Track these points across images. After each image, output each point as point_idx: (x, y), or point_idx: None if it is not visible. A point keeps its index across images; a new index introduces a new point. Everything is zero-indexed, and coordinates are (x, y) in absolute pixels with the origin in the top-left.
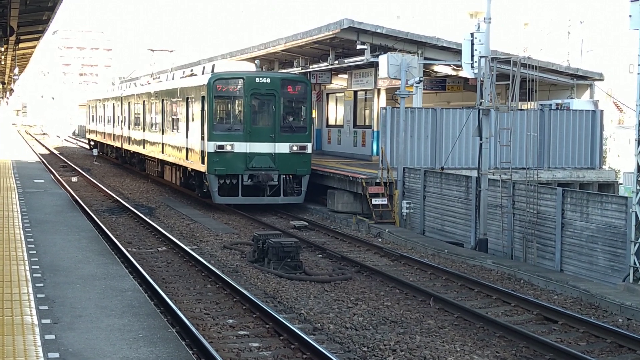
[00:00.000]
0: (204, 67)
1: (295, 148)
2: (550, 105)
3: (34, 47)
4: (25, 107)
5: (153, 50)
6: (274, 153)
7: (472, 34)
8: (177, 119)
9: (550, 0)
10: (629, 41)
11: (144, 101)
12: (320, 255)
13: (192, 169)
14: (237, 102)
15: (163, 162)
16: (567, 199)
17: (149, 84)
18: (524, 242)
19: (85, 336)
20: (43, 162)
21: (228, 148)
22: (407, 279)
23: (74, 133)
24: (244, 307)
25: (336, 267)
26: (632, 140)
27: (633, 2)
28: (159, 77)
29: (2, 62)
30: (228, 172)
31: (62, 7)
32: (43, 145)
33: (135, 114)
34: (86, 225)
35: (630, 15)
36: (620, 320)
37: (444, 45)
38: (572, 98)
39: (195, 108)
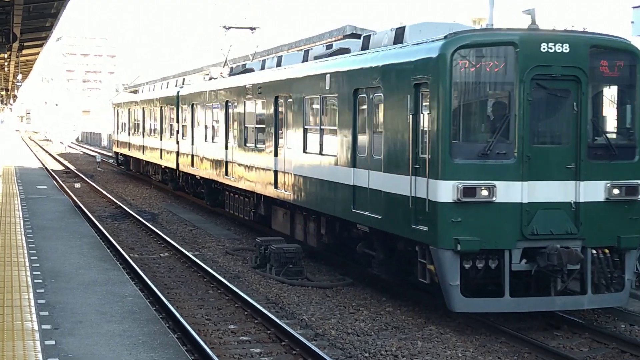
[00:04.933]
0: (364, 38)
1: (616, 192)
2: None
3: (38, 53)
4: (28, 113)
5: (227, 28)
6: (576, 202)
7: None
8: (324, 130)
9: (553, 7)
10: None
11: (226, 102)
12: (322, 261)
13: (379, 231)
14: (499, 94)
15: (277, 203)
16: None
17: (225, 77)
18: None
19: (85, 342)
20: (46, 168)
21: (483, 194)
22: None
23: (77, 139)
24: (246, 313)
25: (338, 273)
26: None
27: (635, 8)
28: (242, 67)
29: (6, 69)
30: (484, 246)
31: (66, 14)
32: (46, 152)
33: (207, 121)
34: (88, 231)
35: (632, 22)
36: (622, 326)
37: None
38: None
39: (388, 110)
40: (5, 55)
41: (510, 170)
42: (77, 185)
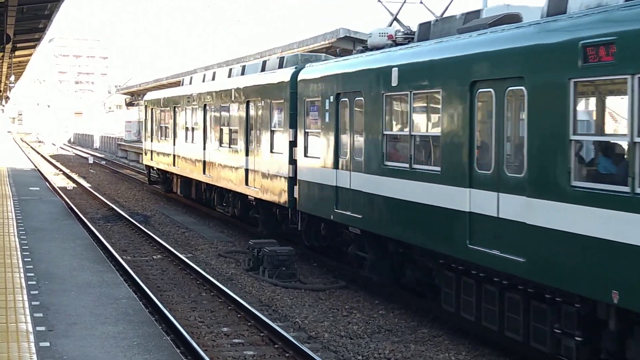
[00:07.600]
0: None
1: None
2: None
3: (30, 54)
4: (20, 114)
5: None
6: None
7: None
8: None
9: None
10: None
11: (472, 84)
12: (315, 264)
13: None
14: None
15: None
16: None
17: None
18: None
19: (79, 344)
20: (38, 169)
21: None
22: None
23: (69, 141)
24: (239, 315)
25: (331, 276)
26: None
27: None
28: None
29: None
30: None
31: (59, 16)
32: (38, 153)
33: (386, 127)
34: (81, 233)
35: None
36: None
37: None
38: None
39: None
40: None
41: None
42: (70, 187)
